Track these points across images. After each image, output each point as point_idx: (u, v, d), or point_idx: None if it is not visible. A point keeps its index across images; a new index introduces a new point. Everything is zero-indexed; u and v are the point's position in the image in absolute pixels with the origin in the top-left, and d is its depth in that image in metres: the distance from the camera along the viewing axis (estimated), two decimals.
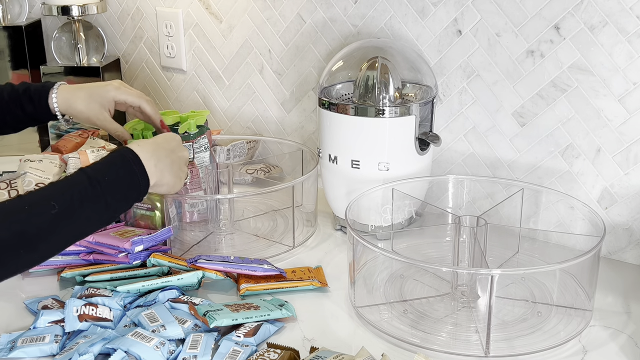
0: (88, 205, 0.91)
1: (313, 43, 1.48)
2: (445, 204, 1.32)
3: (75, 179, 0.93)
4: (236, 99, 1.64)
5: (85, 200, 0.91)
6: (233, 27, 1.59)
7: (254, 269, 1.11)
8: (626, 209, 1.19)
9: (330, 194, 1.33)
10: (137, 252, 1.13)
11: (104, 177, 0.94)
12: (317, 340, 1.00)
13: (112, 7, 1.77)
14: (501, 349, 0.96)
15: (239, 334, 0.96)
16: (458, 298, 1.07)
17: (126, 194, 0.97)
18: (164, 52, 1.72)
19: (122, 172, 0.97)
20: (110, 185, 0.94)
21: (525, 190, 1.21)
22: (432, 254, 1.22)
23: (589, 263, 1.01)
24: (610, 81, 1.15)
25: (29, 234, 0.85)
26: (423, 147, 1.26)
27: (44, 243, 0.87)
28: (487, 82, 1.27)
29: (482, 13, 1.24)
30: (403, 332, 1.00)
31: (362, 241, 1.02)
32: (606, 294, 1.11)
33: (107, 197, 0.93)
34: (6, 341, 0.98)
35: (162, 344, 0.93)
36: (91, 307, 1.01)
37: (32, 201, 0.88)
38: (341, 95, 1.30)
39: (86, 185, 0.91)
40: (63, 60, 1.72)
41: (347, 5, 1.40)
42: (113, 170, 0.96)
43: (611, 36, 1.13)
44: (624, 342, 0.99)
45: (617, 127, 1.16)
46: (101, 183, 0.92)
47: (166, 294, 1.06)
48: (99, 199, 0.92)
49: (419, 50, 1.33)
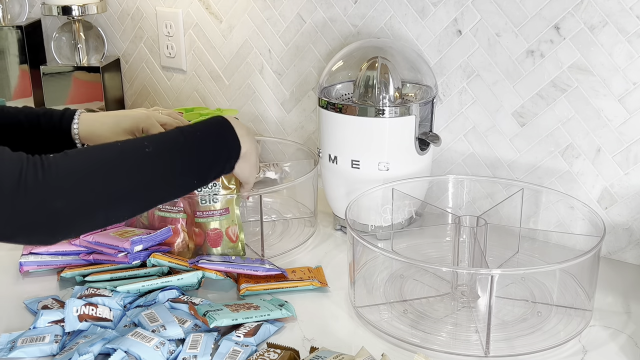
0: (178, 154, 0.93)
1: (313, 43, 1.48)
2: (445, 204, 1.32)
3: (170, 132, 0.97)
4: (236, 99, 1.64)
5: (176, 149, 0.93)
6: (233, 27, 1.59)
7: (256, 269, 1.11)
8: (626, 209, 1.19)
9: (330, 194, 1.33)
10: (136, 252, 1.13)
11: (197, 131, 0.97)
12: (317, 340, 0.99)
13: (112, 7, 1.77)
14: (501, 349, 0.96)
15: (239, 334, 0.96)
16: (458, 298, 1.07)
17: (217, 151, 0.98)
18: (164, 52, 1.72)
19: (215, 129, 0.99)
20: (202, 137, 0.96)
21: (525, 190, 1.21)
22: (432, 254, 1.22)
23: (589, 263, 1.01)
24: (610, 81, 1.14)
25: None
26: (423, 147, 1.26)
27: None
28: (487, 82, 1.27)
29: (482, 13, 1.24)
30: (403, 332, 1.00)
31: (362, 241, 1.02)
32: (606, 294, 1.11)
33: (198, 148, 0.95)
34: (6, 341, 0.98)
35: (162, 344, 0.93)
36: (91, 307, 1.01)
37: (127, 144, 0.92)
38: (341, 95, 1.30)
39: (179, 136, 0.95)
40: (63, 60, 1.72)
41: (347, 5, 1.40)
42: (206, 127, 0.99)
43: (611, 36, 1.13)
44: (624, 342, 0.99)
45: (617, 127, 1.16)
46: (194, 134, 0.95)
47: (166, 294, 1.06)
48: (191, 149, 0.94)
49: (419, 50, 1.33)
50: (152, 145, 0.91)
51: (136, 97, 1.82)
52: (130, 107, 1.84)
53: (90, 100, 1.72)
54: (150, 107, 1.78)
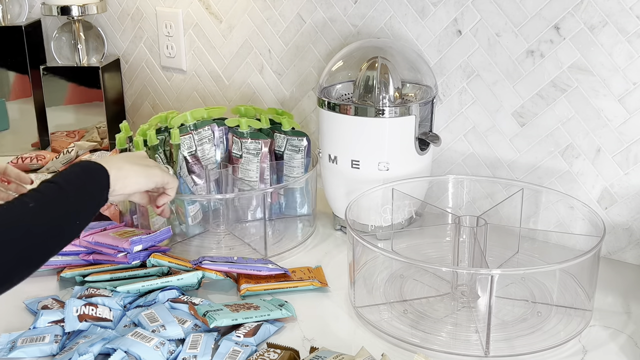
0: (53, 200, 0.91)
1: (313, 43, 1.48)
2: (445, 204, 1.32)
3: (40, 185, 0.93)
4: (236, 99, 1.64)
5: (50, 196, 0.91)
6: (233, 27, 1.59)
7: (259, 269, 1.11)
8: (626, 209, 1.19)
9: (330, 194, 1.33)
10: (136, 252, 1.13)
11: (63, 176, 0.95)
12: (317, 340, 0.99)
13: (112, 7, 1.77)
14: (501, 349, 0.96)
15: (238, 334, 0.96)
16: (458, 298, 1.07)
17: (85, 182, 0.97)
18: (164, 52, 1.72)
19: (78, 168, 0.97)
20: (68, 177, 0.94)
21: (525, 190, 1.21)
22: (432, 254, 1.22)
23: (589, 263, 1.01)
24: (610, 81, 1.14)
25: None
26: (423, 147, 1.26)
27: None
28: (487, 82, 1.27)
29: (482, 13, 1.24)
30: (403, 332, 1.00)
31: (362, 241, 1.02)
32: (606, 294, 1.11)
33: (67, 187, 0.93)
34: (6, 341, 0.98)
35: (162, 344, 0.93)
36: (91, 307, 1.01)
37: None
38: (341, 95, 1.30)
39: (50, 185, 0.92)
40: (63, 60, 1.72)
41: (347, 5, 1.40)
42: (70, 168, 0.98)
43: (611, 36, 1.13)
44: (624, 342, 0.99)
45: (617, 127, 1.16)
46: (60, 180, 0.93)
47: (166, 294, 1.06)
48: (62, 191, 0.92)
49: (418, 50, 1.33)
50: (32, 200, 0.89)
51: (136, 97, 1.82)
52: (130, 107, 1.84)
53: (90, 100, 1.72)
54: (151, 107, 1.79)
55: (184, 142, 1.27)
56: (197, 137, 1.30)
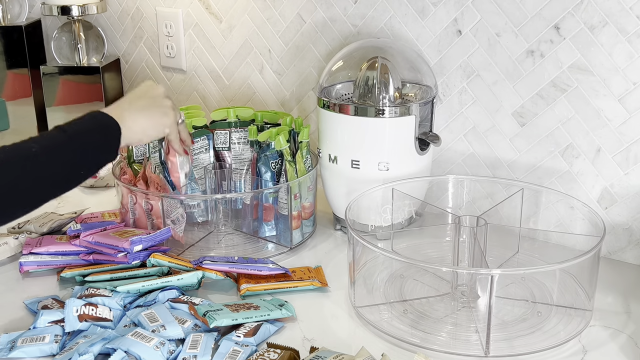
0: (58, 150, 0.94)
1: (313, 43, 1.48)
2: (445, 204, 1.32)
3: (51, 131, 0.97)
4: (236, 99, 1.64)
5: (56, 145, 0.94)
6: (233, 27, 1.59)
7: (260, 269, 1.11)
8: (626, 209, 1.19)
9: (330, 194, 1.33)
10: (136, 251, 1.13)
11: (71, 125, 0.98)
12: (317, 340, 0.99)
13: (112, 7, 1.77)
14: (501, 349, 0.96)
15: (238, 334, 0.96)
16: (458, 298, 1.07)
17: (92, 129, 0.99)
18: (164, 52, 1.72)
19: (91, 122, 1.00)
20: (79, 129, 0.97)
21: (525, 190, 1.21)
22: (432, 254, 1.22)
23: (589, 263, 1.01)
24: (610, 81, 1.14)
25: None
26: (423, 147, 1.26)
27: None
28: (487, 82, 1.27)
29: (482, 13, 1.24)
30: (403, 332, 1.00)
31: (362, 241, 1.02)
32: (606, 294, 1.11)
33: (75, 139, 0.96)
34: (6, 341, 0.98)
35: (162, 344, 0.93)
36: (91, 307, 1.01)
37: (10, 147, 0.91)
38: (341, 95, 1.30)
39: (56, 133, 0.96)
40: (63, 60, 1.72)
41: (347, 5, 1.40)
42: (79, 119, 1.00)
43: (611, 36, 1.13)
44: (624, 342, 0.99)
45: (617, 127, 1.16)
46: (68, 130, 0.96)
47: (166, 294, 1.06)
48: (69, 143, 0.95)
49: (419, 50, 1.33)
50: (37, 144, 0.92)
51: None
52: None
53: (90, 100, 1.71)
54: None
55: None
56: (195, 147, 1.33)
